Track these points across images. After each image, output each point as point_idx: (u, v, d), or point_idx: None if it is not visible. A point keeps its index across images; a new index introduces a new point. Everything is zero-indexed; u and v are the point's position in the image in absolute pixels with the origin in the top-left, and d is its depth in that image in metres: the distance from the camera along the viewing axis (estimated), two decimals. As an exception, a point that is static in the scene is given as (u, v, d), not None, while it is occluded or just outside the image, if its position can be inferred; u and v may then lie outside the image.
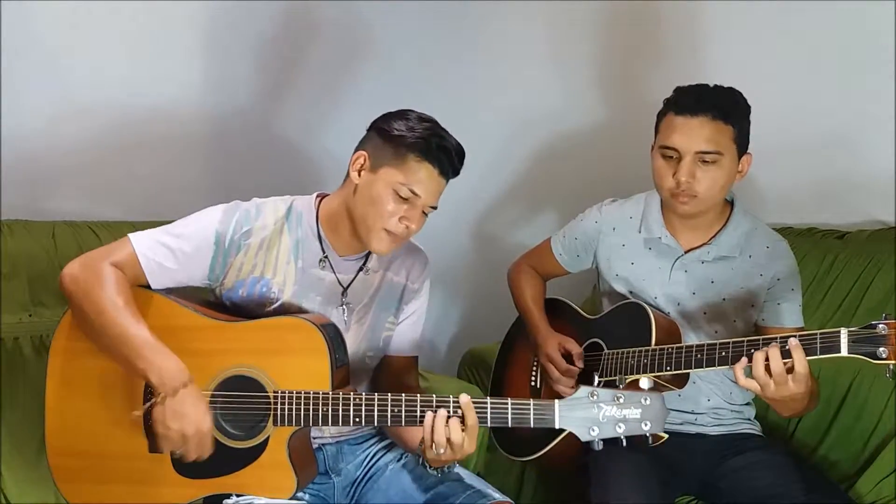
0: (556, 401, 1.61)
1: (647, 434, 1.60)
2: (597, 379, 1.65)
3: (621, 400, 1.59)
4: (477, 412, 1.62)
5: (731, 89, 1.94)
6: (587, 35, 2.83)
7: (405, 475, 1.84)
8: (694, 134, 1.89)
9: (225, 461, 1.72)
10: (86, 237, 2.22)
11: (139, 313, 1.70)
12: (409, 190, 1.75)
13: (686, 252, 2.04)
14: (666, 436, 1.90)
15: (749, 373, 1.72)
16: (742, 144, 1.94)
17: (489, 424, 1.63)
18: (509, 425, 1.64)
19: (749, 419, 2.11)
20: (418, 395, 1.67)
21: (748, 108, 1.95)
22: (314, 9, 2.75)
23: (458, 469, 1.82)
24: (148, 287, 1.78)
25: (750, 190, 2.39)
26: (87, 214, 2.31)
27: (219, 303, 1.85)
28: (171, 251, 1.76)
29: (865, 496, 2.01)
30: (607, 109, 2.83)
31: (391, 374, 1.94)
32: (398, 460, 1.87)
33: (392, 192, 1.75)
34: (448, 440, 1.61)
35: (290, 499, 1.72)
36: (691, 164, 1.90)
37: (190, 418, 1.63)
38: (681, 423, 2.07)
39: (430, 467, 1.72)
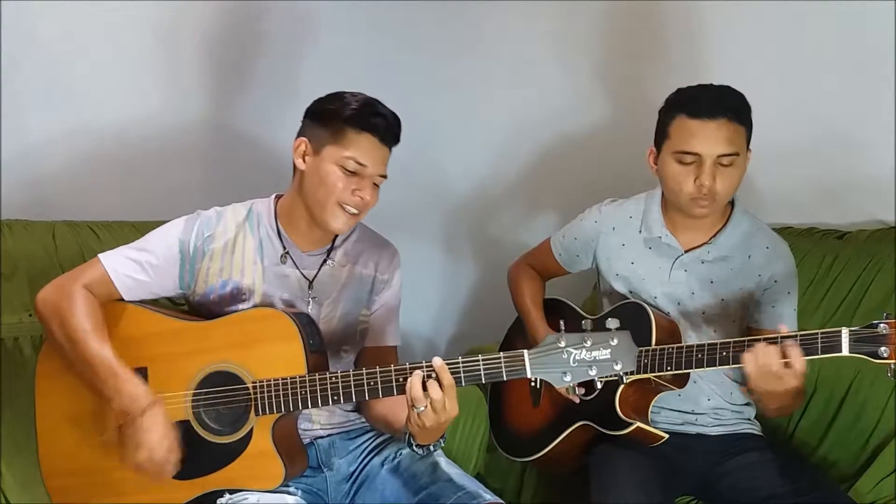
0: (525, 351, 1.61)
1: (620, 374, 1.57)
2: (562, 325, 1.63)
3: (589, 342, 1.57)
4: (451, 372, 1.63)
5: (732, 88, 1.95)
6: (588, 35, 2.83)
7: (398, 476, 1.85)
8: (714, 137, 1.88)
9: (213, 458, 1.75)
10: (86, 237, 2.22)
11: (107, 337, 1.74)
12: (355, 162, 1.79)
13: (686, 251, 2.04)
14: (666, 435, 1.91)
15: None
16: (749, 142, 1.95)
17: (464, 384, 1.64)
18: (482, 381, 1.64)
19: (749, 419, 2.11)
20: (392, 365, 1.69)
21: (750, 107, 1.96)
22: (312, 8, 2.75)
23: (452, 469, 1.84)
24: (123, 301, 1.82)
25: (750, 190, 2.38)
26: (87, 215, 2.31)
27: (195, 310, 1.88)
28: (139, 264, 1.81)
29: (865, 496, 2.01)
30: (608, 110, 2.82)
31: (369, 364, 1.95)
32: (392, 459, 1.88)
33: (339, 168, 1.79)
34: (430, 401, 1.61)
35: (280, 489, 1.74)
36: (713, 167, 1.89)
37: (144, 447, 1.68)
38: (681, 423, 2.07)
39: (417, 445, 1.72)
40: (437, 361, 1.62)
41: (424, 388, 1.61)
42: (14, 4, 2.27)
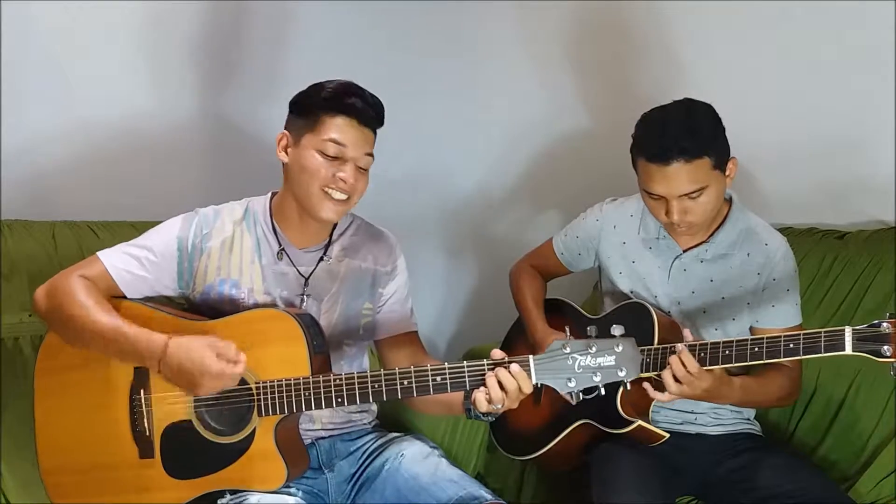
0: (531, 356, 1.62)
1: (625, 381, 1.59)
2: (567, 330, 1.64)
3: (594, 349, 1.58)
4: (456, 377, 1.64)
5: (690, 112, 1.90)
6: (585, 37, 2.83)
7: (398, 477, 1.85)
8: (673, 181, 1.87)
9: (215, 458, 1.74)
10: (86, 237, 2.22)
11: (111, 308, 1.74)
12: (332, 143, 1.78)
13: (685, 251, 2.04)
14: (666, 435, 1.92)
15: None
16: (722, 159, 1.91)
17: (468, 388, 1.65)
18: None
19: (749, 419, 2.11)
20: (396, 368, 1.69)
21: (718, 120, 1.91)
22: (296, 8, 2.75)
23: (452, 470, 1.85)
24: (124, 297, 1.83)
25: (751, 190, 2.39)
26: (87, 215, 2.31)
27: (196, 309, 1.88)
28: (137, 260, 1.82)
29: (865, 496, 2.01)
30: (607, 110, 2.82)
31: (395, 353, 1.97)
32: (394, 460, 1.88)
33: (318, 153, 1.79)
34: (505, 392, 1.61)
35: (281, 490, 1.74)
36: (679, 204, 1.90)
37: (192, 376, 1.66)
38: (681, 423, 2.07)
39: (484, 415, 1.70)
40: (498, 355, 1.63)
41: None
42: (14, 4, 2.26)
